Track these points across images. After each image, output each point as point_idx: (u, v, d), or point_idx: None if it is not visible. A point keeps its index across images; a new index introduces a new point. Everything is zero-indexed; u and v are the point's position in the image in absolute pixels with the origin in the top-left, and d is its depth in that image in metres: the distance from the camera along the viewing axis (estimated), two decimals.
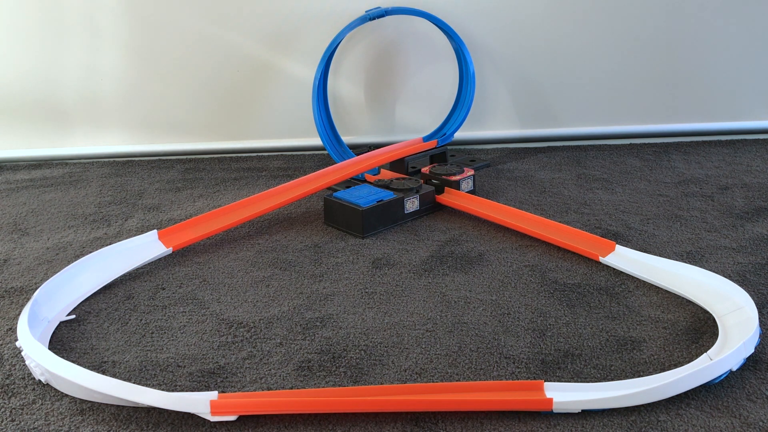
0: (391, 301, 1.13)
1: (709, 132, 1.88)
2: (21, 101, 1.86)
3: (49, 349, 1.01)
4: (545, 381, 0.89)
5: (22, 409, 0.91)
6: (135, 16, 1.81)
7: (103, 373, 0.96)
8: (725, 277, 1.11)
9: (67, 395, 0.92)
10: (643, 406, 0.87)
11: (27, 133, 1.88)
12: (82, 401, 0.91)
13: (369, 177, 1.58)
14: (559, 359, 0.97)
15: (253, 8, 1.79)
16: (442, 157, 1.68)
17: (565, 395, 0.87)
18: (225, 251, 1.33)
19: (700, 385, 0.89)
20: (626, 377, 0.93)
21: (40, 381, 0.95)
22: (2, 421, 0.88)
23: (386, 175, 1.59)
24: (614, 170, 1.68)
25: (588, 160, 1.76)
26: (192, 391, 0.93)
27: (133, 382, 0.93)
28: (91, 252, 1.29)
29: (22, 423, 0.88)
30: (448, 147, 1.74)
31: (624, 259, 1.21)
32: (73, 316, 1.11)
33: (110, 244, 1.32)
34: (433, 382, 0.94)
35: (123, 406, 0.90)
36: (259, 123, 1.88)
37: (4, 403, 0.92)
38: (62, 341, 1.05)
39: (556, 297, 1.13)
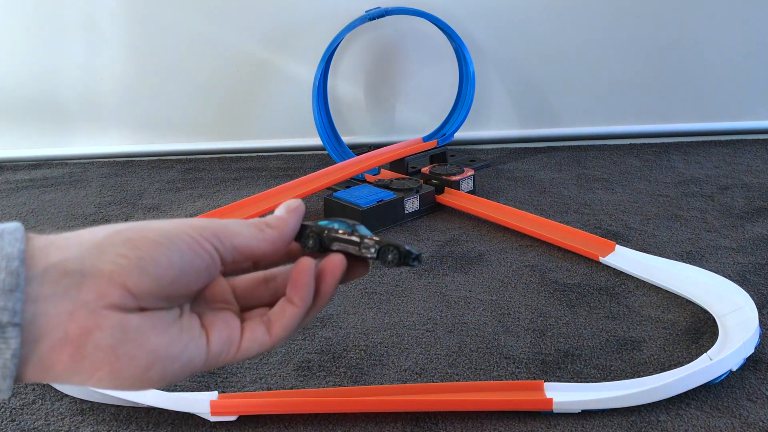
0: (391, 301, 1.13)
1: (709, 132, 1.88)
2: (21, 101, 1.86)
3: None
4: (545, 381, 0.89)
5: (22, 409, 0.90)
6: (135, 16, 1.81)
7: None
8: (725, 277, 1.11)
9: (67, 395, 0.92)
10: (643, 406, 0.87)
11: (27, 133, 1.88)
12: (82, 401, 0.91)
13: (369, 177, 1.58)
14: (559, 359, 0.97)
15: (253, 8, 1.79)
16: (442, 157, 1.68)
17: (565, 395, 0.87)
18: None
19: (700, 385, 0.89)
20: (626, 377, 0.93)
21: None
22: (2, 421, 0.88)
23: (386, 175, 1.59)
24: (614, 170, 1.68)
25: (588, 160, 1.76)
26: (192, 391, 0.93)
27: None
28: None
29: (22, 423, 0.88)
30: (448, 147, 1.74)
31: (624, 259, 1.21)
32: None
33: None
34: (433, 382, 0.94)
35: (123, 406, 0.90)
36: (259, 123, 1.88)
37: (4, 403, 0.92)
38: None
39: (556, 297, 1.13)
